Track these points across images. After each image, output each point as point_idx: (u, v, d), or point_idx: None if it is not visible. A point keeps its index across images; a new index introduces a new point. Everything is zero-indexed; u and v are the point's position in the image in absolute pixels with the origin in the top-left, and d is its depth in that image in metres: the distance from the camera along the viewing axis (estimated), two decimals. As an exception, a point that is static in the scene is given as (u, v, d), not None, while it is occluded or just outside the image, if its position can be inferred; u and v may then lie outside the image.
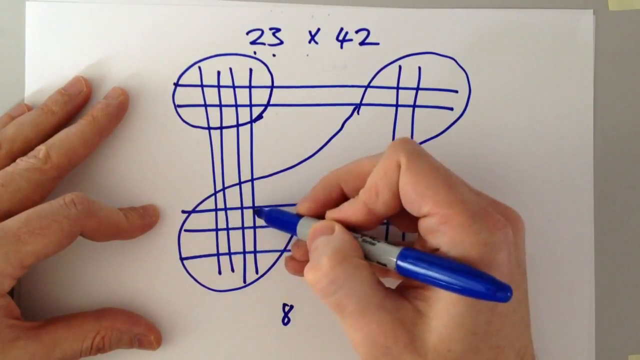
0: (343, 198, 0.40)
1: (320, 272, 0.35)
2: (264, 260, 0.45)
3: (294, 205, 0.44)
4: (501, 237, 0.33)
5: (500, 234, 0.33)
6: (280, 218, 0.42)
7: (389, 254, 0.35)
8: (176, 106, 0.45)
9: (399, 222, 0.41)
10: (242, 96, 0.45)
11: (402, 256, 0.35)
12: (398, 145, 0.36)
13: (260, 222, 0.45)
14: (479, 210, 0.34)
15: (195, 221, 0.44)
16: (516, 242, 0.35)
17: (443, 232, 0.34)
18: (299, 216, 0.41)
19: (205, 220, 0.45)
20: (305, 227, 0.39)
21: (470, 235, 0.33)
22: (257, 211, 0.44)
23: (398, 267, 0.35)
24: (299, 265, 0.42)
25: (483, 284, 0.31)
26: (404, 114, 0.45)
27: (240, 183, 0.45)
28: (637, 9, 0.46)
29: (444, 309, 0.33)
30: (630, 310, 0.46)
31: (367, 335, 0.34)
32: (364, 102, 0.45)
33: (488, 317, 0.33)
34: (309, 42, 0.45)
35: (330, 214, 0.39)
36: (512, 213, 0.37)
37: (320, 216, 0.40)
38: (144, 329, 0.42)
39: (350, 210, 0.37)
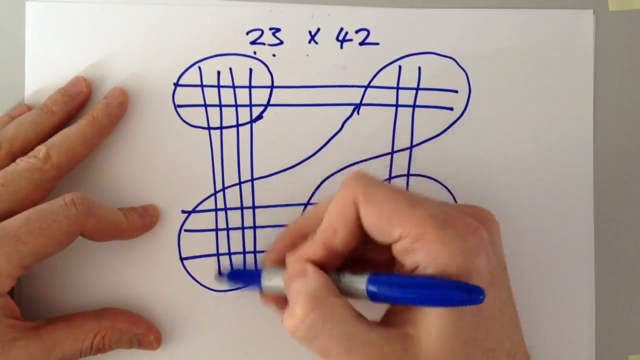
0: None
1: (296, 320, 0.34)
2: (264, 260, 0.45)
3: (293, 205, 0.44)
4: (476, 241, 0.33)
5: (474, 238, 0.33)
6: (243, 275, 0.42)
7: (357, 283, 0.35)
8: (176, 106, 0.45)
9: (373, 255, 0.40)
10: (242, 96, 0.45)
11: (370, 282, 0.34)
12: (350, 182, 0.35)
13: (260, 222, 0.45)
14: (448, 219, 0.33)
15: (195, 221, 0.44)
16: (492, 241, 0.35)
17: (417, 250, 0.33)
18: (258, 272, 0.39)
19: (205, 220, 0.45)
20: (271, 279, 0.38)
21: (444, 246, 0.33)
22: (219, 273, 0.43)
23: (369, 294, 0.34)
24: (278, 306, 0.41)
25: (455, 292, 0.31)
26: (404, 114, 0.45)
27: (240, 183, 0.45)
28: (637, 9, 0.46)
29: (430, 326, 0.33)
30: (630, 311, 0.46)
31: None
32: (363, 102, 0.45)
33: (474, 323, 0.33)
34: (309, 42, 0.45)
35: (290, 256, 0.37)
36: (484, 213, 0.37)
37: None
38: (144, 329, 0.42)
39: (310, 251, 0.36)
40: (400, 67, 0.45)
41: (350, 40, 0.45)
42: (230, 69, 0.45)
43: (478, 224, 0.34)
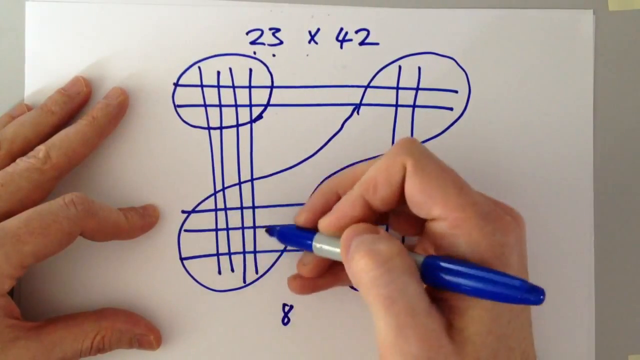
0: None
1: (378, 259, 0.32)
2: (264, 260, 0.45)
3: (294, 205, 0.44)
4: (514, 239, 0.33)
5: (513, 235, 0.33)
6: (294, 235, 0.41)
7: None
8: (176, 106, 0.45)
9: (398, 225, 0.41)
10: (242, 96, 0.45)
11: (426, 265, 0.33)
12: (404, 147, 0.35)
13: (260, 222, 0.45)
14: (491, 211, 0.33)
15: (195, 221, 0.44)
16: (522, 241, 0.35)
17: (457, 235, 0.33)
18: (313, 232, 0.39)
19: (205, 220, 0.45)
20: (323, 242, 0.38)
21: (486, 237, 0.33)
22: (269, 230, 0.44)
23: (424, 276, 0.33)
24: (306, 283, 0.42)
25: (519, 289, 0.30)
26: (404, 114, 0.45)
27: (240, 183, 0.45)
28: (637, 9, 0.46)
29: (475, 317, 0.32)
30: (631, 310, 0.46)
31: (411, 340, 0.31)
32: (363, 102, 0.45)
33: (507, 320, 0.33)
34: (309, 42, 0.45)
35: (326, 217, 0.37)
36: (515, 214, 0.37)
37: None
38: (144, 329, 0.42)
39: (348, 205, 0.36)
40: (400, 67, 0.45)
41: (350, 40, 0.45)
42: (230, 69, 0.45)
43: (516, 222, 0.34)
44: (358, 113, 0.45)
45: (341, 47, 0.45)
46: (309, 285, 0.42)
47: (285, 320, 0.44)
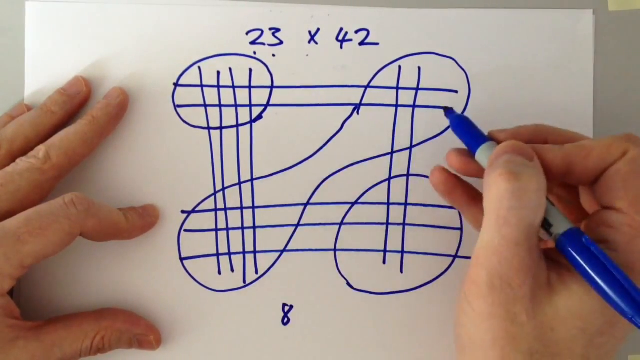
0: None
1: (516, 186, 0.33)
2: (264, 261, 0.45)
3: (294, 205, 0.44)
4: None
5: None
6: (467, 130, 0.40)
7: (563, 222, 0.34)
8: (176, 106, 0.45)
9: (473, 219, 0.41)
10: (242, 96, 0.45)
11: (571, 234, 0.33)
12: (631, 138, 0.35)
13: (260, 222, 0.45)
14: None
15: (195, 221, 0.44)
16: None
17: (624, 232, 0.33)
18: (485, 138, 0.39)
19: (205, 221, 0.45)
20: (489, 152, 0.37)
21: None
22: (447, 110, 0.42)
23: (559, 243, 0.34)
24: (446, 178, 0.41)
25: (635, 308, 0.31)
26: (404, 114, 0.45)
27: (240, 183, 0.45)
28: (637, 9, 0.46)
29: (574, 295, 0.33)
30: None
31: (503, 262, 0.33)
32: (363, 102, 0.45)
33: (601, 327, 0.33)
34: (309, 42, 0.45)
35: (527, 148, 0.36)
36: None
37: None
38: (144, 330, 0.42)
39: (551, 153, 0.36)
40: (400, 67, 0.45)
41: (350, 40, 0.45)
42: (230, 69, 0.45)
43: None
44: (358, 113, 0.45)
45: (341, 47, 0.45)
46: (450, 182, 0.41)
47: (285, 320, 0.44)
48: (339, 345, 0.44)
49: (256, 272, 0.44)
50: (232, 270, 0.44)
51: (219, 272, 0.44)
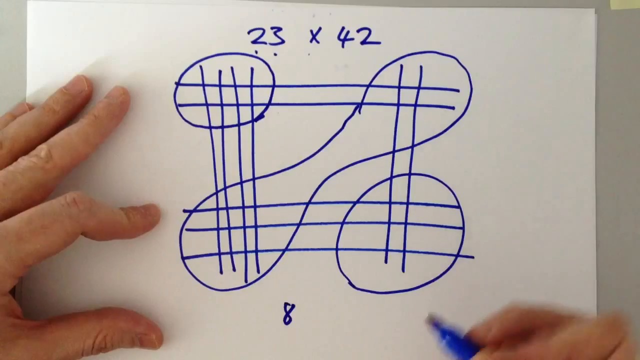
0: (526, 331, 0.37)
1: None
2: (266, 260, 0.45)
3: (295, 204, 0.45)
4: None
5: None
6: (457, 344, 0.38)
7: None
8: (177, 105, 0.45)
9: None
10: (244, 95, 0.45)
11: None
12: (624, 324, 0.36)
13: (262, 221, 0.45)
14: None
15: (196, 220, 0.44)
16: None
17: None
18: (474, 348, 0.37)
19: (206, 220, 0.45)
20: None
21: None
22: (434, 323, 0.39)
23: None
24: None
25: None
26: (406, 113, 0.45)
27: (241, 182, 0.45)
28: (639, 9, 0.46)
29: None
30: (632, 311, 0.46)
31: None
32: (365, 101, 0.45)
33: None
34: (311, 41, 0.45)
35: (523, 350, 0.36)
36: None
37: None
38: (146, 328, 0.42)
39: (551, 355, 0.35)
40: (401, 66, 0.45)
41: (352, 39, 0.45)
42: (232, 68, 0.45)
43: None
44: (360, 112, 0.45)
45: (343, 46, 0.45)
46: None
47: (287, 319, 0.44)
48: (341, 345, 0.44)
49: (258, 272, 0.44)
50: (234, 269, 0.44)
51: (221, 272, 0.44)
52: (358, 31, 0.45)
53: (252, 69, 0.45)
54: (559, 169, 0.45)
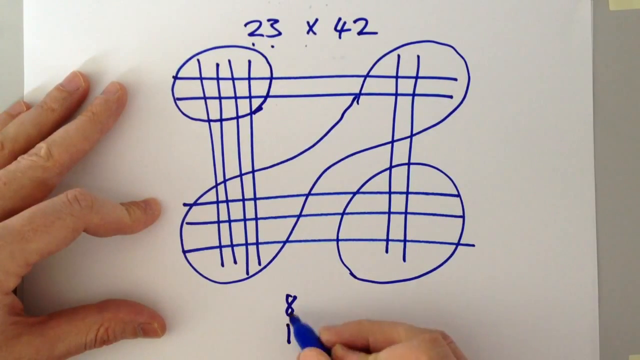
0: (365, 346, 0.41)
1: None
2: (267, 252, 0.45)
3: (295, 196, 0.45)
4: None
5: None
6: (303, 336, 0.43)
7: None
8: (175, 99, 0.45)
9: None
10: (242, 88, 0.45)
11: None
12: (425, 347, 0.37)
13: (262, 213, 0.45)
14: None
15: (197, 214, 0.45)
16: None
17: None
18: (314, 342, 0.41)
19: (207, 213, 0.45)
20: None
21: None
22: (292, 319, 0.44)
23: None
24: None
25: None
26: (404, 102, 0.45)
27: (241, 175, 0.45)
28: (638, 9, 0.46)
29: None
30: (632, 311, 0.46)
31: None
32: (363, 91, 0.45)
33: None
34: (307, 32, 0.45)
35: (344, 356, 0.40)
36: None
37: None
38: (147, 317, 0.43)
39: None
40: (399, 56, 0.45)
41: (349, 30, 0.45)
42: (229, 61, 0.45)
43: None
44: (358, 103, 0.45)
45: (340, 37, 0.45)
46: None
47: (289, 311, 0.44)
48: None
49: (259, 264, 0.45)
50: (235, 262, 0.45)
51: (222, 264, 0.45)
52: (355, 22, 0.45)
53: (249, 62, 0.45)
54: (558, 155, 0.45)
